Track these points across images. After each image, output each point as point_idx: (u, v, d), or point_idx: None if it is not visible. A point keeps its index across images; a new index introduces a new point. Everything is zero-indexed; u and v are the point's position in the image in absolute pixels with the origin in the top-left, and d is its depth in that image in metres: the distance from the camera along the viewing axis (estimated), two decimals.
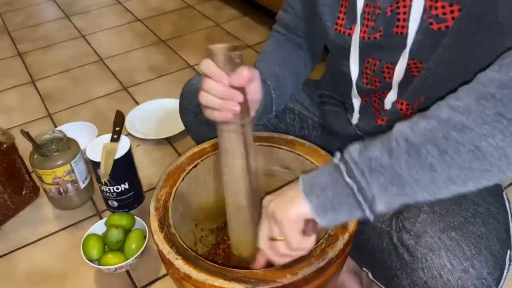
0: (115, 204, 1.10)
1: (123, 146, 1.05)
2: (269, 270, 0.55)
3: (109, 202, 1.10)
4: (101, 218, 1.13)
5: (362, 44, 0.70)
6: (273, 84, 0.75)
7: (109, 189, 1.06)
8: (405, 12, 0.63)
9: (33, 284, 1.00)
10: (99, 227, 1.03)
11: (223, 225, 0.81)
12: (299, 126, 0.88)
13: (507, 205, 0.65)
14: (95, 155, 1.03)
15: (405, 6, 0.63)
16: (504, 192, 0.68)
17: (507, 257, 0.59)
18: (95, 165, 1.03)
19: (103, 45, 1.98)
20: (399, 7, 0.64)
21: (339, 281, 0.84)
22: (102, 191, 1.09)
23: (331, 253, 0.56)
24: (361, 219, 0.50)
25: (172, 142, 1.37)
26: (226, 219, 0.80)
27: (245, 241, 0.68)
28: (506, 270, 0.58)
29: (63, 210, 1.16)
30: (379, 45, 0.68)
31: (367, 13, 0.67)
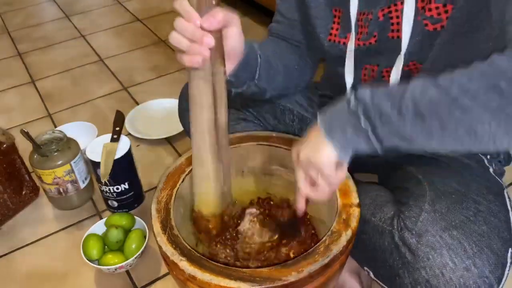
0: (115, 204, 1.10)
1: (123, 146, 1.05)
2: (274, 268, 0.55)
3: (109, 202, 1.10)
4: (101, 218, 1.12)
5: (358, 51, 0.70)
6: (263, 57, 0.72)
7: (109, 189, 1.06)
8: (397, 16, 0.63)
9: (33, 284, 1.00)
10: (99, 227, 1.03)
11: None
12: (299, 126, 0.88)
13: (508, 204, 0.65)
14: (95, 155, 1.02)
15: (397, 10, 0.63)
16: (505, 190, 0.68)
17: (509, 255, 0.59)
18: (95, 165, 1.03)
19: (103, 45, 1.98)
20: (391, 11, 0.64)
21: (340, 281, 0.84)
22: (102, 191, 1.09)
23: (335, 250, 0.56)
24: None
25: (172, 142, 1.37)
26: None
27: (206, 198, 0.66)
28: (507, 268, 0.58)
29: (63, 210, 1.16)
30: (375, 50, 0.68)
31: (360, 20, 0.68)
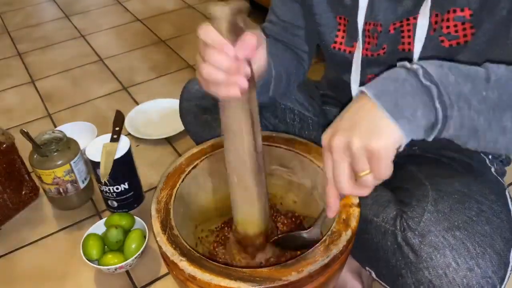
0: (115, 204, 1.09)
1: (123, 146, 1.04)
2: (274, 268, 0.55)
3: (109, 202, 1.10)
4: (101, 218, 1.12)
5: (365, 60, 0.69)
6: (275, 70, 0.71)
7: (109, 189, 1.06)
8: (409, 29, 0.63)
9: (33, 284, 1.00)
10: (99, 227, 1.03)
11: (223, 225, 0.81)
12: (299, 126, 0.88)
13: (509, 204, 0.65)
14: (95, 155, 1.02)
15: (409, 24, 0.63)
16: (506, 190, 0.68)
17: (511, 255, 0.58)
18: (95, 165, 1.02)
19: (103, 45, 1.98)
20: (403, 25, 0.64)
21: (341, 282, 0.84)
22: (102, 191, 1.08)
23: (335, 250, 0.56)
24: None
25: (172, 142, 1.37)
26: (225, 219, 0.80)
27: (251, 220, 0.66)
28: (510, 268, 0.58)
29: (63, 210, 1.16)
30: (384, 61, 0.68)
31: (367, 30, 0.67)
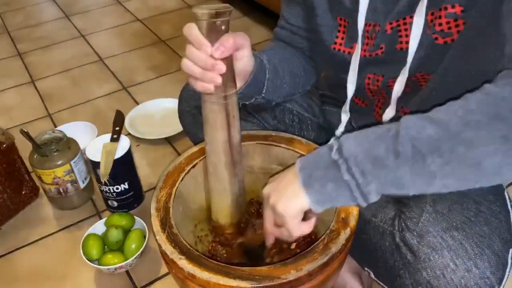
0: (115, 204, 1.09)
1: (123, 146, 1.04)
2: (273, 266, 0.55)
3: (109, 202, 1.10)
4: (101, 218, 1.12)
5: (363, 60, 0.70)
6: (270, 68, 0.72)
7: (109, 189, 1.06)
8: (406, 28, 0.64)
9: (33, 284, 1.00)
10: (99, 227, 1.03)
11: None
12: (298, 126, 0.88)
13: (508, 204, 0.65)
14: (95, 155, 1.02)
15: (406, 23, 0.63)
16: (505, 191, 0.68)
17: (509, 256, 0.58)
18: (95, 165, 1.02)
19: (103, 45, 1.98)
20: (400, 25, 0.64)
21: (341, 282, 0.84)
22: (102, 191, 1.09)
23: (334, 248, 0.56)
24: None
25: (172, 142, 1.37)
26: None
27: (223, 210, 0.70)
28: (508, 269, 0.58)
29: (63, 210, 1.16)
30: (382, 61, 0.68)
31: (367, 31, 0.68)
